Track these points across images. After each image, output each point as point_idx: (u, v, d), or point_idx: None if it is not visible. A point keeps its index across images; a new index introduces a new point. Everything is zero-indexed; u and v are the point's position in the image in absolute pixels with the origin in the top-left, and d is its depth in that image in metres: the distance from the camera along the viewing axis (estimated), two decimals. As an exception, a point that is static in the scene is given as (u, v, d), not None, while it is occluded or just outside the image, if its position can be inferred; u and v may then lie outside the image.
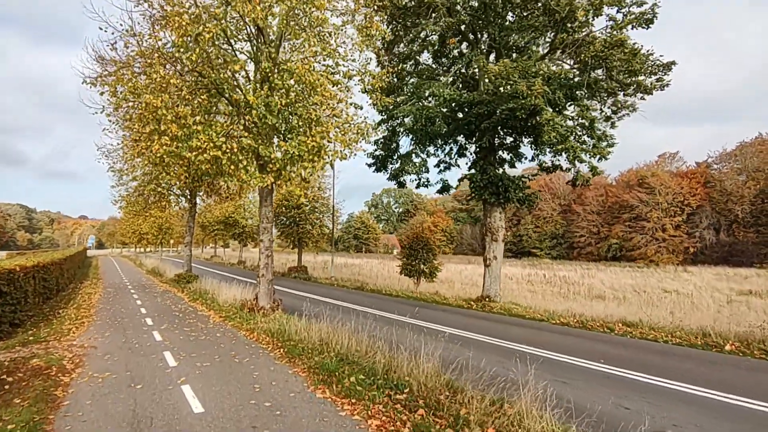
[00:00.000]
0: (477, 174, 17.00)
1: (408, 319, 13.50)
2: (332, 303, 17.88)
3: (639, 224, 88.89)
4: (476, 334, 11.68)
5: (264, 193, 12.98)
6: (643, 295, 30.49)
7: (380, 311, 15.50)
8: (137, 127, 10.61)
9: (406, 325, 10.89)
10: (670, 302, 25.05)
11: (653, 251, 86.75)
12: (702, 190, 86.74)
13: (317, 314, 10.88)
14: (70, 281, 25.68)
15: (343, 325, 9.38)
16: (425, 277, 24.94)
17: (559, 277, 42.63)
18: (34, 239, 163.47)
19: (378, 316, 13.94)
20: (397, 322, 13.18)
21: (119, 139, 22.06)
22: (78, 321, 13.32)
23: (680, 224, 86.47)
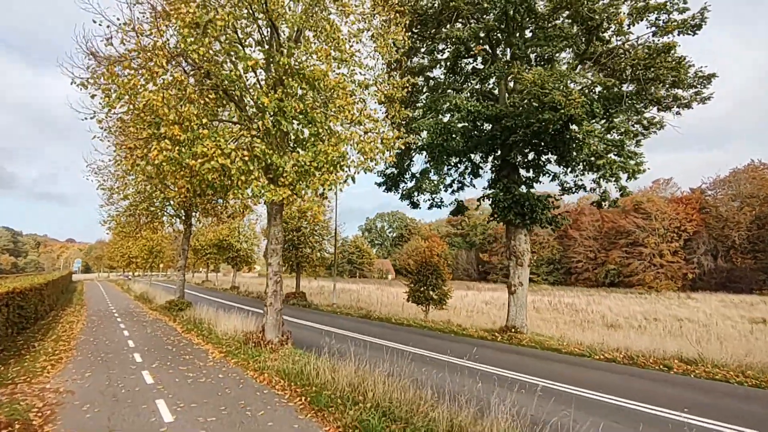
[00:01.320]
0: (499, 193, 15.73)
1: (440, 356, 11.93)
2: (342, 334, 16.22)
3: (636, 250, 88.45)
4: (516, 372, 10.13)
5: (273, 210, 11.54)
6: (657, 323, 29.20)
7: (398, 344, 13.88)
8: (133, 131, 9.22)
9: (435, 362, 9.35)
10: (691, 331, 23.74)
11: (652, 277, 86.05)
12: (698, 216, 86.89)
13: (331, 348, 9.39)
14: (51, 308, 23.67)
15: (368, 363, 7.86)
16: (434, 304, 23.44)
17: (565, 304, 41.24)
18: (18, 263, 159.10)
19: (399, 351, 12.35)
20: (425, 358, 11.60)
21: (110, 155, 20.63)
22: (55, 356, 11.54)
23: (677, 250, 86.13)
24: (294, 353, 10.57)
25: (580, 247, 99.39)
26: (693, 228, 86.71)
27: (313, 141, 10.33)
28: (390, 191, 19.98)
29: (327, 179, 9.81)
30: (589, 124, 11.94)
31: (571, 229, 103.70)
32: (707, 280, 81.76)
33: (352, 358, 8.30)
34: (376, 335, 15.95)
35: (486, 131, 16.13)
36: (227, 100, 9.73)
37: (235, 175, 8.91)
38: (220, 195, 11.35)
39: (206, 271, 65.49)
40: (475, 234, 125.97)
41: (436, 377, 8.08)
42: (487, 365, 10.84)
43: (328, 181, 9.67)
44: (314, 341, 13.80)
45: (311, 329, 17.73)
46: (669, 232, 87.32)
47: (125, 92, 8.60)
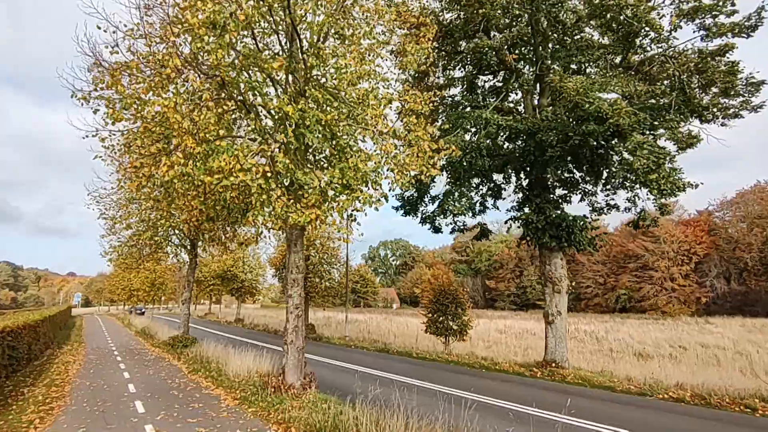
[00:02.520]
0: (532, 214, 14.57)
1: (493, 401, 10.49)
2: (364, 372, 14.72)
3: (647, 274, 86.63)
4: (598, 424, 8.66)
5: (294, 235, 10.35)
6: (687, 351, 27.59)
7: (432, 384, 12.41)
8: (139, 145, 8.16)
9: (494, 411, 7.93)
10: (729, 360, 22.20)
11: (664, 302, 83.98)
12: (707, 239, 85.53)
13: (358, 391, 8.13)
14: (47, 346, 22.15)
15: (416, 413, 6.53)
16: (453, 335, 21.93)
17: (584, 331, 39.48)
18: (18, 297, 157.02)
19: (438, 393, 10.91)
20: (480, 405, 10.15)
21: (113, 182, 19.62)
22: (46, 405, 10.12)
23: (689, 273, 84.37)
24: (320, 399, 9.16)
25: (588, 272, 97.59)
26: (703, 250, 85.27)
27: (339, 156, 9.25)
28: (408, 215, 18.81)
29: (357, 198, 8.67)
30: (639, 136, 10.89)
31: (578, 253, 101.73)
32: (721, 304, 79.66)
33: (395, 407, 6.93)
34: (402, 373, 14.45)
35: (514, 148, 15.13)
36: (245, 111, 8.71)
37: (255, 194, 7.77)
38: (235, 217, 10.18)
39: (209, 303, 63.68)
40: (480, 261, 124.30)
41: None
42: (554, 413, 9.36)
43: (359, 200, 8.53)
44: (336, 382, 12.34)
45: (328, 366, 16.22)
46: (679, 255, 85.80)
47: (132, 102, 7.57)
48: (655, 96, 11.57)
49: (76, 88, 8.88)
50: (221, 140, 7.39)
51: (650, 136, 11.61)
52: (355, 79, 9.39)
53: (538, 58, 14.80)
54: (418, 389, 11.73)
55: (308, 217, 8.00)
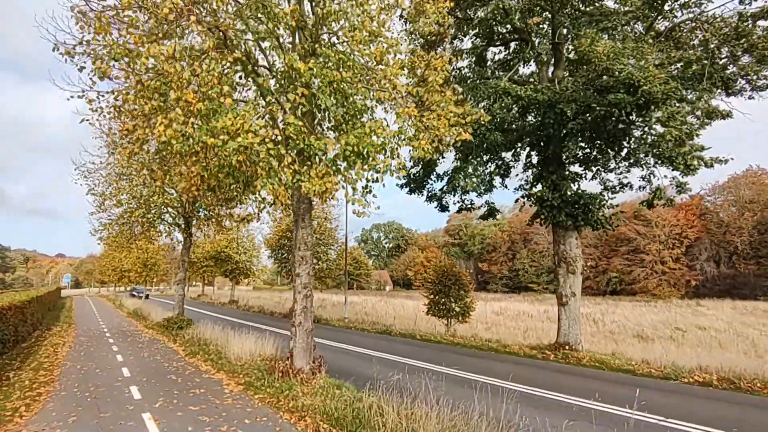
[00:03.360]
0: (547, 191, 13.87)
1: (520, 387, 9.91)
2: (369, 354, 14.15)
3: (638, 257, 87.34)
4: (648, 414, 8.02)
5: (301, 209, 9.54)
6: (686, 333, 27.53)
7: (445, 368, 11.85)
8: (132, 102, 7.23)
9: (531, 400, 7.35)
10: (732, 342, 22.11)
11: (654, 285, 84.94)
12: (698, 222, 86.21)
13: (366, 374, 7.47)
14: (35, 328, 21.30)
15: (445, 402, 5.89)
16: (455, 317, 21.49)
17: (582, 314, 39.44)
18: (6, 279, 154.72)
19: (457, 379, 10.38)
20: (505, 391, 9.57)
21: (102, 156, 18.56)
22: (33, 391, 9.36)
23: (680, 257, 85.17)
24: (331, 385, 8.51)
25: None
26: (694, 234, 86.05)
27: (352, 122, 8.40)
28: (413, 193, 18.05)
29: (374, 167, 7.87)
30: (672, 106, 10.15)
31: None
32: (710, 287, 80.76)
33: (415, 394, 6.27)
34: (409, 355, 13.87)
35: (529, 122, 14.35)
36: (250, 68, 7.77)
37: (263, 160, 6.93)
38: (238, 189, 9.33)
39: (202, 285, 62.87)
40: (473, 244, 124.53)
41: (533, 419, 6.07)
42: (588, 400, 8.80)
43: (376, 169, 7.73)
44: (341, 365, 11.71)
45: (330, 349, 15.62)
46: (670, 239, 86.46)
47: (123, 53, 6.62)
48: (688, 64, 10.78)
49: (58, 41, 7.89)
50: (227, 97, 6.50)
51: (682, 106, 10.87)
52: (366, 39, 8.49)
53: (555, 26, 13.91)
54: (429, 373, 11.11)
55: (323, 185, 7.19)
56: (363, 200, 8.07)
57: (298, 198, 9.53)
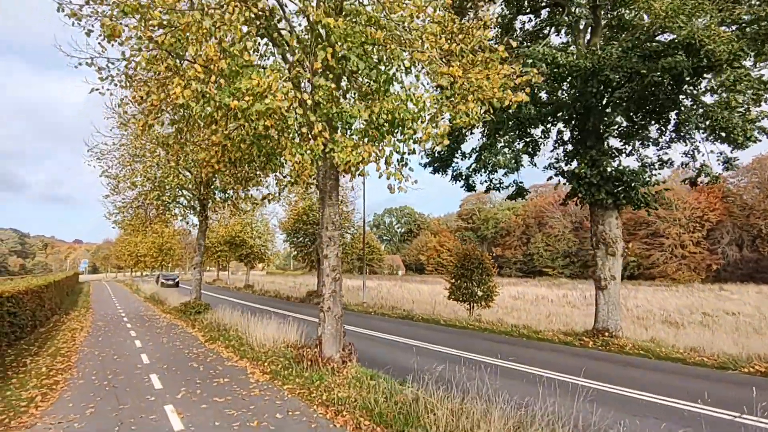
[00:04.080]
0: (585, 168, 12.91)
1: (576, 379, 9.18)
2: (394, 341, 13.52)
3: (657, 241, 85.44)
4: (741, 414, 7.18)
5: (328, 186, 8.79)
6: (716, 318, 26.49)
7: (476, 355, 11.16)
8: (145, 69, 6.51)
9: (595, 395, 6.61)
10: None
11: (674, 269, 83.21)
12: (721, 205, 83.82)
13: (398, 363, 6.74)
14: (53, 312, 21.12)
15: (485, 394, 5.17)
16: (478, 302, 20.84)
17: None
18: (26, 264, 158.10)
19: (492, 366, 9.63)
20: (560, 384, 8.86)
21: (114, 136, 17.98)
22: (50, 379, 8.91)
23: (700, 240, 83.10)
24: (364, 374, 7.86)
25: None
26: (716, 217, 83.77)
27: (385, 88, 7.54)
28: (437, 172, 17.19)
29: (412, 137, 7.06)
30: (739, 69, 9.10)
31: (587, 220, 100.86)
32: (732, 271, 78.86)
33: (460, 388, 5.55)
34: (437, 342, 13.21)
35: (568, 93, 13.34)
36: (275, 23, 6.95)
37: (291, 127, 6.15)
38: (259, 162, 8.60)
39: (217, 270, 63.00)
40: (486, 228, 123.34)
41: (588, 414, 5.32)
42: (671, 398, 8.02)
43: (414, 139, 6.91)
44: (370, 353, 11.07)
45: (353, 335, 14.94)
46: (691, 222, 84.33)
47: (133, 7, 5.85)
48: (758, 21, 9.63)
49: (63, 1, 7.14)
50: (250, 53, 5.72)
51: (749, 69, 9.79)
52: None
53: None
54: (464, 361, 10.46)
55: (358, 156, 6.41)
56: (400, 174, 7.27)
57: (324, 173, 8.78)
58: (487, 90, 6.70)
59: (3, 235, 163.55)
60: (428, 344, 12.84)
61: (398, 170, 7.36)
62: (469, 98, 6.67)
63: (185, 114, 7.95)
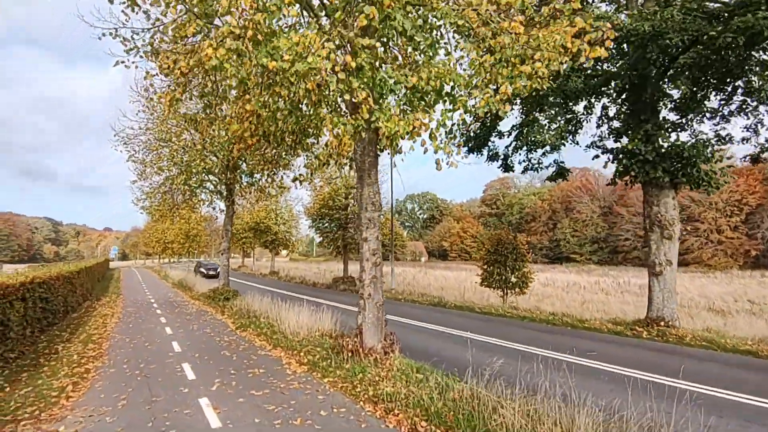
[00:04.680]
0: (639, 144, 11.84)
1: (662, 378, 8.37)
2: (429, 329, 12.90)
3: (692, 225, 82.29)
4: None
5: (366, 164, 8.10)
6: (765, 307, 24.97)
7: (524, 346, 10.42)
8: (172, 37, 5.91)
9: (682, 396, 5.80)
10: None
11: (709, 255, 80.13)
12: (761, 188, 79.76)
13: (443, 355, 6.02)
14: (85, 298, 21.30)
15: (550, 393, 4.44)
16: (512, 289, 20.08)
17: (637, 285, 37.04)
18: (60, 252, 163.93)
19: (545, 358, 8.90)
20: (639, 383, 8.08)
21: (140, 120, 17.67)
22: (81, 367, 8.62)
23: (738, 225, 79.55)
24: (409, 367, 7.24)
25: (628, 224, 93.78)
26: (756, 201, 79.89)
27: (431, 52, 6.74)
28: (472, 153, 16.32)
29: (464, 104, 6.27)
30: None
31: (617, 205, 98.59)
32: (773, 257, 75.34)
33: (522, 383, 4.84)
34: (476, 330, 12.49)
35: (617, 63, 12.23)
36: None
37: (333, 94, 5.46)
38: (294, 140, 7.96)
39: (242, 256, 63.62)
40: (511, 213, 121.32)
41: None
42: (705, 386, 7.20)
43: (474, 103, 6.13)
44: (406, 341, 10.46)
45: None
46: (728, 206, 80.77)
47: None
48: None
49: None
50: (289, 7, 5.03)
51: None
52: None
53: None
54: (510, 352, 9.75)
55: (407, 125, 5.68)
56: (450, 147, 6.52)
57: (362, 150, 8.08)
58: (555, 47, 5.81)
59: (38, 224, 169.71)
60: (467, 333, 12.16)
61: (446, 143, 6.61)
62: (536, 56, 5.82)
63: (214, 87, 7.36)
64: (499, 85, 5.99)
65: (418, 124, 5.72)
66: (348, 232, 30.11)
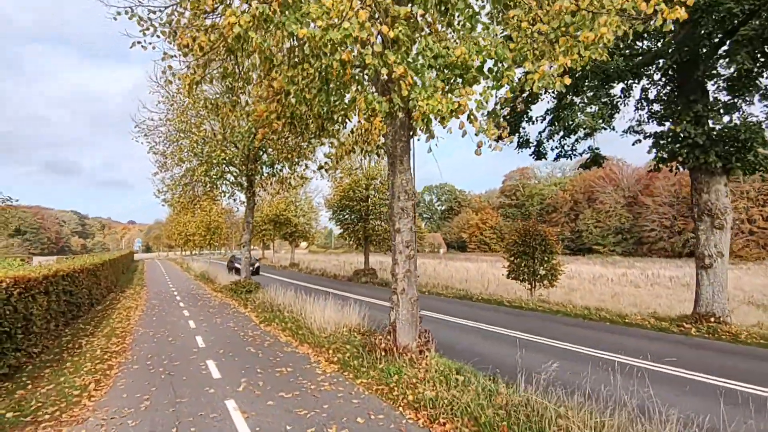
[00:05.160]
0: (690, 126, 10.95)
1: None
2: (458, 323, 12.32)
3: (721, 216, 79.16)
4: None
5: (398, 149, 7.53)
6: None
7: (568, 344, 9.77)
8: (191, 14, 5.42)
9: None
10: None
11: (740, 246, 77.25)
12: (797, 176, 76.23)
13: (481, 353, 5.43)
14: (110, 290, 21.38)
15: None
16: (540, 281, 19.36)
17: (667, 277, 35.69)
18: (87, 244, 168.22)
19: (595, 359, 8.27)
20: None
21: (160, 112, 17.43)
22: (104, 363, 8.34)
23: (771, 215, 76.46)
24: (449, 368, 6.68)
25: (653, 215, 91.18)
26: (791, 189, 76.47)
27: (471, 22, 6.08)
28: (500, 140, 15.54)
29: (511, 79, 5.63)
30: None
31: (642, 195, 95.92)
32: (808, 249, 72.29)
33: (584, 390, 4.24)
34: (508, 326, 11.88)
35: (663, 39, 11.32)
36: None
37: (370, 67, 4.89)
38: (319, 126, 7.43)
39: (262, 248, 63.89)
40: (531, 204, 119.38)
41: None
42: None
43: (530, 75, 5.49)
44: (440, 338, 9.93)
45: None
46: (761, 195, 77.66)
47: None
48: None
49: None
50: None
51: None
52: None
53: None
54: (555, 351, 9.13)
55: (450, 103, 5.08)
56: (493, 128, 5.89)
57: (394, 134, 7.50)
58: (628, 7, 5.08)
59: (65, 217, 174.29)
60: (499, 328, 11.55)
61: (489, 123, 5.97)
62: (600, 20, 5.11)
63: (237, 67, 6.86)
64: (553, 58, 5.33)
65: (463, 103, 5.11)
66: (369, 224, 29.62)
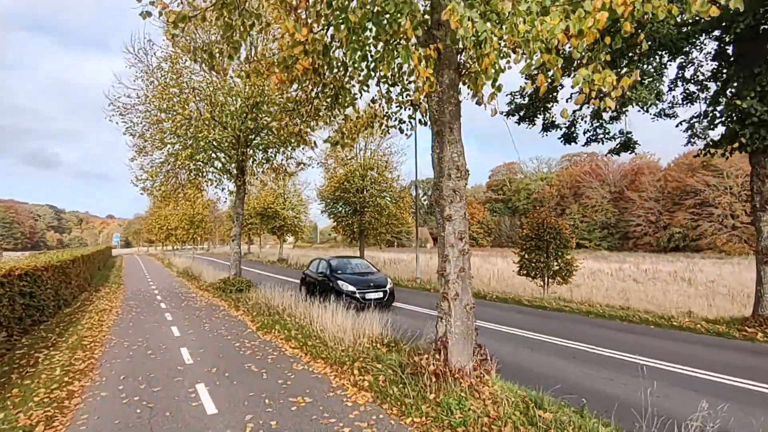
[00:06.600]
0: (755, 103, 9.51)
1: None
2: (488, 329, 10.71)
3: (706, 211, 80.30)
4: None
5: (447, 113, 5.82)
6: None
7: (620, 353, 8.25)
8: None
9: None
10: None
11: (723, 240, 78.08)
12: (779, 171, 77.09)
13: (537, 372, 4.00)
14: (82, 290, 19.23)
15: None
16: (553, 278, 18.02)
17: (665, 272, 34.93)
18: (63, 239, 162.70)
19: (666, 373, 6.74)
20: None
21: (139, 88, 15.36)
22: (62, 389, 6.48)
23: (755, 210, 77.25)
24: (520, 397, 5.06)
25: (639, 210, 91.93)
26: (774, 185, 77.06)
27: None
28: (523, 122, 14.03)
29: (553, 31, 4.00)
30: None
31: (628, 190, 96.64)
32: (790, 243, 73.12)
33: None
34: (543, 331, 10.34)
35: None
36: None
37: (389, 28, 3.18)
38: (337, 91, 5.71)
39: (248, 243, 61.55)
40: (518, 199, 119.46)
41: None
42: None
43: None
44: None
45: (423, 317, 12.21)
46: (744, 191, 78.47)
47: None
48: None
49: None
50: None
51: None
52: None
53: None
54: (624, 366, 7.59)
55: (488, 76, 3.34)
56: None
57: (440, 95, 5.79)
58: None
59: (40, 211, 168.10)
60: (536, 334, 10.00)
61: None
62: None
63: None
64: None
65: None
66: (364, 217, 27.92)
